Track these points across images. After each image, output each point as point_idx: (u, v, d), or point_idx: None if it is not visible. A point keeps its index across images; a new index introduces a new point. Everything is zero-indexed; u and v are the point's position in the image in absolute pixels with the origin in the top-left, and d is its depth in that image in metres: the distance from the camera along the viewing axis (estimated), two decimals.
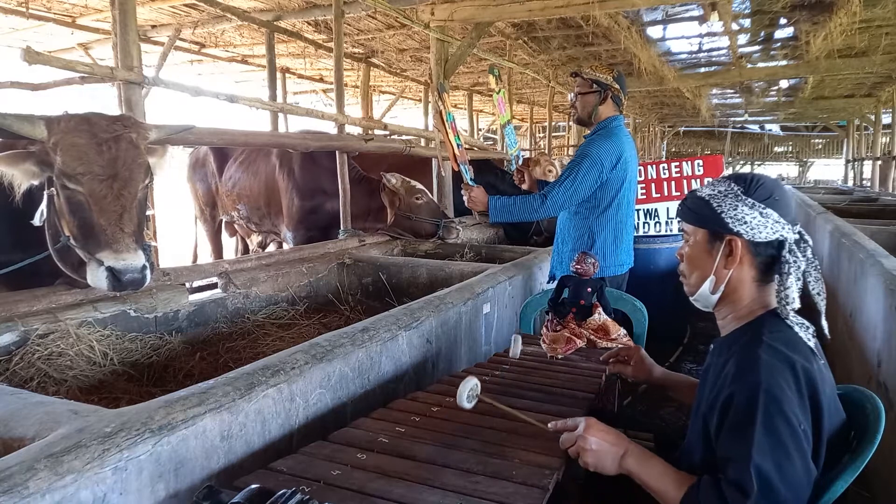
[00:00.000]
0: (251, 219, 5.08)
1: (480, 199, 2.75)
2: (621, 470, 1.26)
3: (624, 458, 1.25)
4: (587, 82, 2.80)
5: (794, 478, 1.09)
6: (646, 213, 4.30)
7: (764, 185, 1.30)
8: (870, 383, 2.58)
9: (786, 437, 1.10)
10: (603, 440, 1.27)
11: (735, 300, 1.33)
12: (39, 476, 1.00)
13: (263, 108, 4.29)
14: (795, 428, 1.11)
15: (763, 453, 1.09)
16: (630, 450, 1.26)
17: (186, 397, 1.31)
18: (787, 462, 1.09)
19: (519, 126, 16.04)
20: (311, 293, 3.38)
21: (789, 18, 6.13)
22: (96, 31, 5.93)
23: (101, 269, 1.91)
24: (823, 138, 23.76)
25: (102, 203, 1.93)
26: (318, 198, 4.53)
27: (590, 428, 1.28)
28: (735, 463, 1.11)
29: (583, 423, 1.29)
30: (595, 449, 1.26)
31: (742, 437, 1.12)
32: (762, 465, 1.08)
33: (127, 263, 1.90)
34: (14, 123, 1.89)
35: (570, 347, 2.08)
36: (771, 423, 1.11)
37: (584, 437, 1.27)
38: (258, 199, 4.90)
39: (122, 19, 2.59)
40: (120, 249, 1.91)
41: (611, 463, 1.26)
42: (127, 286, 1.93)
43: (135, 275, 1.92)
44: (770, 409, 1.11)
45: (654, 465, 1.24)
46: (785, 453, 1.09)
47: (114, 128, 2.00)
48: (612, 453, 1.26)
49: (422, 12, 4.92)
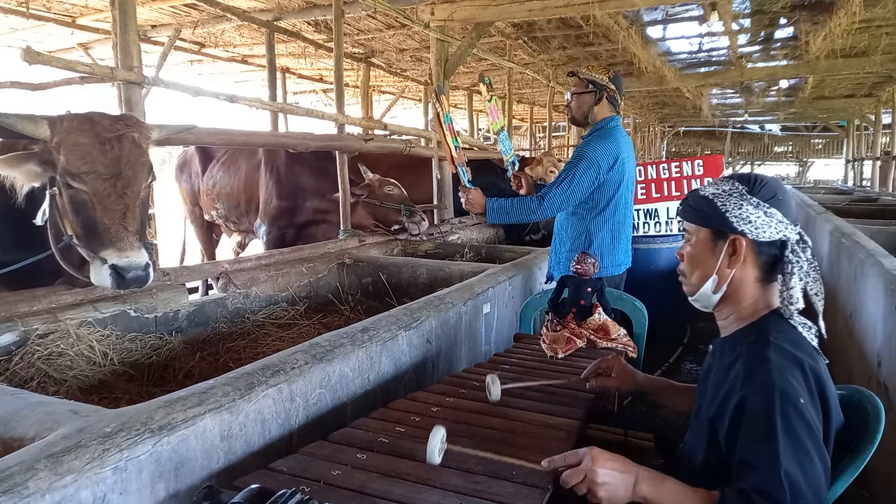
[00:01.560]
0: (229, 217, 5.11)
1: (478, 200, 2.76)
2: (636, 498, 1.16)
3: (637, 485, 1.17)
4: (583, 82, 2.81)
5: (816, 477, 1.08)
6: (646, 213, 4.30)
7: (768, 184, 1.30)
8: (870, 383, 2.57)
9: (805, 439, 1.08)
10: (613, 470, 1.16)
11: (737, 300, 1.32)
12: (39, 476, 1.00)
13: (263, 108, 4.29)
14: (812, 426, 1.10)
15: (788, 459, 1.07)
16: (641, 475, 1.17)
17: (186, 397, 1.31)
18: (809, 462, 1.08)
19: (519, 126, 16.04)
20: (311, 293, 3.38)
21: (789, 18, 6.14)
22: (96, 31, 5.92)
23: (105, 268, 1.91)
24: (823, 138, 23.75)
25: (106, 202, 1.93)
26: (298, 196, 4.58)
27: (597, 460, 1.16)
28: (761, 470, 1.08)
29: (587, 455, 1.18)
30: (607, 482, 1.15)
31: (765, 443, 1.09)
32: (790, 471, 1.06)
33: (131, 261, 1.91)
34: (17, 123, 1.89)
35: (570, 347, 2.08)
36: (790, 425, 1.09)
37: (594, 471, 1.15)
38: (238, 197, 4.95)
39: (122, 19, 2.59)
40: (123, 248, 1.91)
41: (624, 492, 1.16)
42: (131, 284, 1.94)
43: (139, 272, 1.93)
44: (787, 412, 1.10)
45: (670, 487, 1.17)
46: (806, 454, 1.08)
47: (116, 127, 2.01)
48: (624, 482, 1.16)
49: (422, 12, 4.92)
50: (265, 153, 4.74)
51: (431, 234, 4.63)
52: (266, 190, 4.68)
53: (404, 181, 4.66)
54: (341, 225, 4.11)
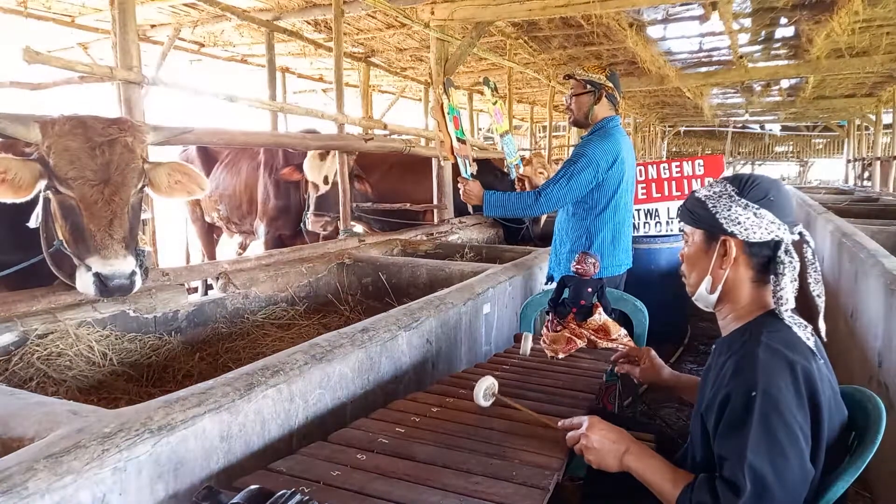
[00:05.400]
0: (231, 219, 5.13)
1: (475, 192, 2.77)
2: (623, 467, 1.28)
3: (625, 455, 1.28)
4: (581, 83, 2.82)
5: (790, 477, 1.09)
6: (646, 213, 4.30)
7: (758, 185, 1.30)
8: (870, 383, 2.57)
9: (782, 437, 1.10)
10: (605, 438, 1.30)
11: (733, 300, 1.33)
12: (39, 476, 1.00)
13: (263, 108, 4.29)
14: (792, 427, 1.11)
15: (758, 452, 1.09)
16: (631, 448, 1.29)
17: (186, 398, 1.31)
18: (783, 462, 1.09)
19: (519, 126, 16.03)
20: (310, 293, 3.37)
21: (790, 18, 6.13)
22: (96, 31, 5.92)
23: (89, 275, 1.90)
24: (824, 138, 23.74)
25: (93, 208, 1.90)
26: (294, 196, 4.58)
27: (592, 426, 1.32)
28: (730, 461, 1.12)
29: (586, 421, 1.33)
30: (597, 447, 1.30)
31: (737, 435, 1.13)
32: (756, 464, 1.09)
33: (114, 269, 1.89)
34: (8, 126, 1.87)
35: (570, 348, 2.08)
36: (767, 422, 1.11)
37: (587, 435, 1.31)
38: (239, 198, 4.97)
39: (122, 19, 2.58)
40: (108, 255, 1.89)
41: (612, 460, 1.29)
42: (114, 292, 1.92)
43: (122, 281, 1.90)
44: (766, 409, 1.11)
45: (654, 463, 1.26)
46: (781, 453, 1.09)
47: (109, 131, 1.97)
48: (613, 451, 1.29)
49: (422, 12, 4.92)
50: (265, 154, 4.75)
51: (430, 234, 4.63)
52: (264, 190, 4.70)
53: (404, 181, 4.67)
54: (341, 225, 4.11)
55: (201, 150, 5.35)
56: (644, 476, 1.25)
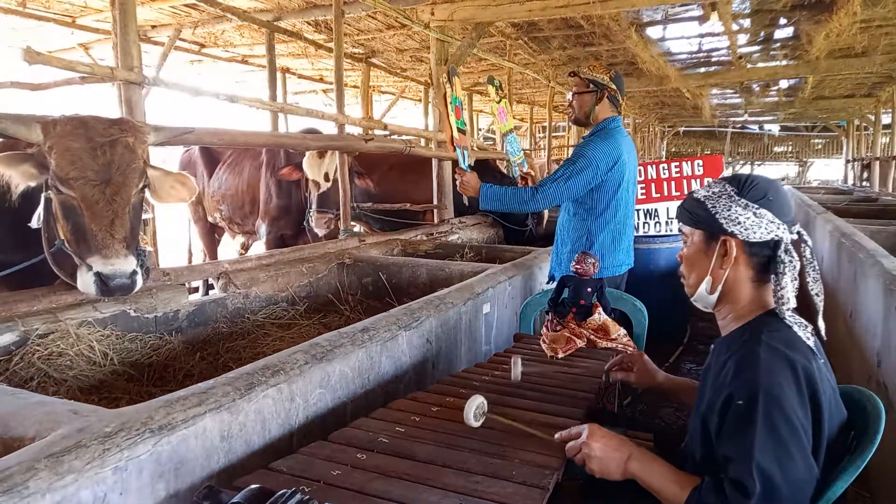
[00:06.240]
0: (233, 219, 5.13)
1: (472, 184, 2.76)
2: (626, 475, 1.26)
3: (628, 462, 1.26)
4: (584, 82, 2.82)
5: (797, 476, 1.09)
6: (646, 213, 4.31)
7: (757, 185, 1.30)
8: (870, 383, 2.58)
9: (787, 436, 1.10)
10: (606, 445, 1.28)
11: (733, 300, 1.33)
12: (39, 476, 1.00)
13: (263, 108, 4.29)
14: (796, 426, 1.11)
15: (765, 452, 1.09)
16: (633, 454, 1.27)
17: (186, 397, 1.31)
18: (789, 461, 1.09)
19: (519, 126, 16.04)
20: (311, 293, 3.38)
21: (789, 18, 6.13)
22: (96, 31, 5.92)
23: (90, 274, 1.90)
24: (823, 138, 23.75)
25: (94, 208, 1.91)
26: (295, 195, 4.59)
27: (593, 434, 1.29)
28: (736, 463, 1.11)
29: (586, 430, 1.30)
30: (599, 455, 1.27)
31: (743, 436, 1.12)
32: (764, 465, 1.08)
33: (115, 269, 1.90)
34: (10, 126, 1.88)
35: (570, 347, 2.09)
36: (771, 422, 1.11)
37: (588, 444, 1.28)
38: (242, 198, 4.97)
39: (122, 19, 2.59)
40: (109, 255, 1.90)
41: (615, 468, 1.26)
42: (115, 291, 1.93)
43: (123, 280, 1.91)
44: (770, 408, 1.11)
45: (658, 468, 1.24)
46: (786, 452, 1.09)
47: (110, 132, 1.98)
48: (615, 459, 1.27)
49: (422, 12, 4.92)
50: (267, 154, 4.75)
51: (430, 234, 4.63)
52: (266, 190, 4.70)
53: (405, 181, 4.67)
54: (341, 225, 4.11)
55: (204, 151, 5.35)
56: (649, 481, 1.23)
